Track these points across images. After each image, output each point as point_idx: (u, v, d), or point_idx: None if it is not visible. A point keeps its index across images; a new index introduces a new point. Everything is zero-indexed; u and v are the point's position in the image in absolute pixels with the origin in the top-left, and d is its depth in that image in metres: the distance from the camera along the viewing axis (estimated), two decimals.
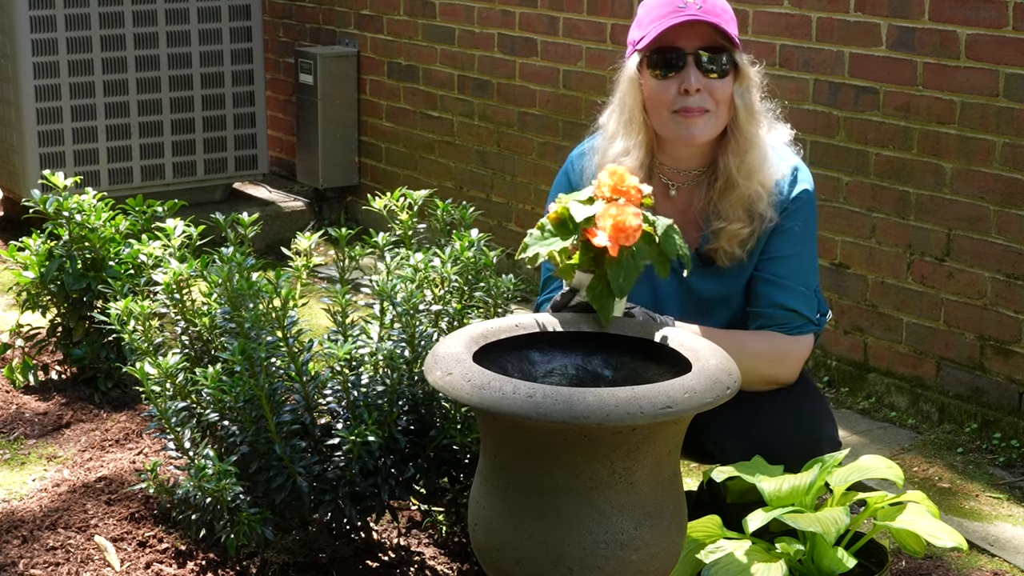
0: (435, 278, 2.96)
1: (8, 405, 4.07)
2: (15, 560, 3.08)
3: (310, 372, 2.89)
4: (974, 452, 3.96)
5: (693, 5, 2.73)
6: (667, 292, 2.90)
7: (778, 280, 2.85)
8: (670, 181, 2.88)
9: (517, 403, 2.14)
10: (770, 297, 2.85)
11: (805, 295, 2.86)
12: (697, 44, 2.74)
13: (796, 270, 2.85)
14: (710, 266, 2.87)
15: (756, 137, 2.79)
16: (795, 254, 2.85)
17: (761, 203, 2.80)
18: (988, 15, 3.90)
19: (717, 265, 2.86)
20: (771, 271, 2.85)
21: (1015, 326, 3.96)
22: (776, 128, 2.90)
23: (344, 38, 6.48)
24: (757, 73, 2.83)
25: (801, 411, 2.84)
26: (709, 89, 2.74)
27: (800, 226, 2.85)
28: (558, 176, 3.02)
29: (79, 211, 4.08)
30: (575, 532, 2.23)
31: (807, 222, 2.87)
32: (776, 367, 2.83)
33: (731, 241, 2.82)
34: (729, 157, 2.80)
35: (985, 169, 3.97)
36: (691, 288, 2.91)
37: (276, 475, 2.89)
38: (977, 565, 3.31)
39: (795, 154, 2.91)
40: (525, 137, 5.53)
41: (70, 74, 5.76)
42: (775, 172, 2.83)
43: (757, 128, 2.80)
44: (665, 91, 2.77)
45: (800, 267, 2.86)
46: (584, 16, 5.18)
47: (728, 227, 2.81)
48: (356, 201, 6.51)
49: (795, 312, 2.84)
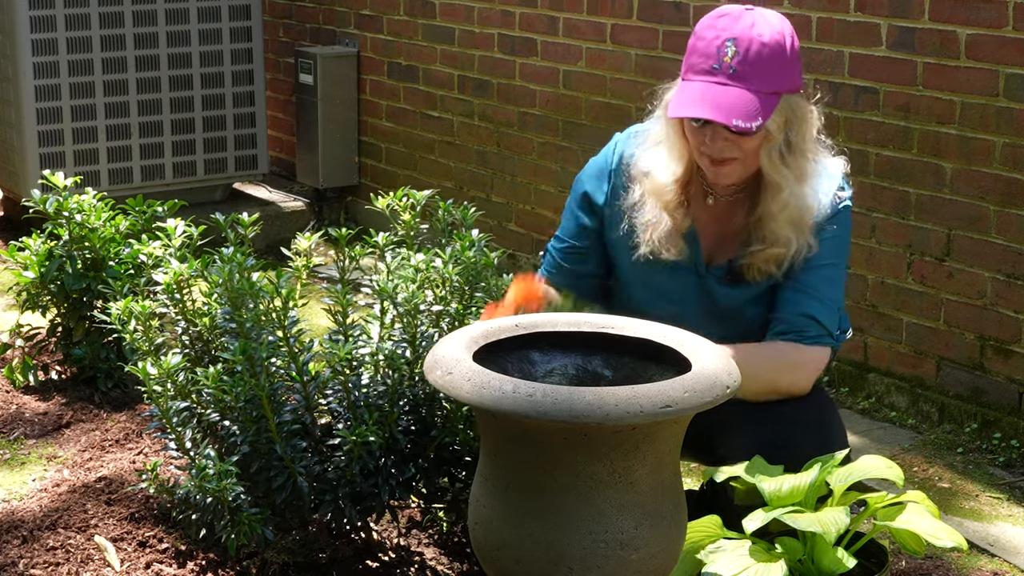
0: (436, 278, 2.96)
1: (8, 405, 4.07)
2: (15, 560, 3.08)
3: (311, 372, 2.90)
4: (974, 452, 3.96)
5: (727, 66, 2.70)
6: (685, 293, 2.91)
7: (804, 288, 2.85)
8: (710, 190, 2.89)
9: (517, 402, 2.14)
10: (794, 304, 2.85)
11: (829, 307, 2.86)
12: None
13: (824, 280, 2.85)
14: (737, 280, 2.88)
15: (785, 187, 2.77)
16: (825, 266, 2.85)
17: (798, 238, 2.80)
18: (988, 15, 3.90)
19: (746, 279, 2.87)
20: (799, 279, 2.85)
21: (1015, 326, 3.96)
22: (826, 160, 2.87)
23: (344, 38, 6.48)
24: (811, 109, 2.80)
25: (815, 418, 2.84)
26: (736, 142, 2.74)
27: (834, 241, 2.85)
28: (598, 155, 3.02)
29: (79, 211, 4.07)
30: (575, 531, 2.23)
31: (841, 239, 2.87)
32: (791, 375, 2.83)
33: (767, 262, 2.83)
34: (763, 195, 2.80)
35: (985, 169, 3.97)
36: (711, 293, 2.91)
37: (277, 475, 2.89)
38: (977, 565, 3.31)
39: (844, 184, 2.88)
40: (525, 137, 5.53)
41: (70, 74, 5.76)
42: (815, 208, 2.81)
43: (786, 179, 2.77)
44: (695, 136, 2.77)
45: (828, 279, 2.86)
46: (584, 16, 5.18)
47: (767, 250, 2.82)
48: (356, 201, 6.51)
49: (816, 321, 2.83)
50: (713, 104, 2.68)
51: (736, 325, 2.90)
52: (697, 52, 2.75)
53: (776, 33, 2.72)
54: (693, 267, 2.90)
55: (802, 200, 2.79)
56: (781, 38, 2.73)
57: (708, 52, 2.72)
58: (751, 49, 2.69)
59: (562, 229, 3.06)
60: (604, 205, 2.96)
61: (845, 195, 2.87)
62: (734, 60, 2.69)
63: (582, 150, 5.10)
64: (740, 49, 2.69)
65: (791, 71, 2.75)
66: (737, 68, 2.69)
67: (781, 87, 2.72)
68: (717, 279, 2.90)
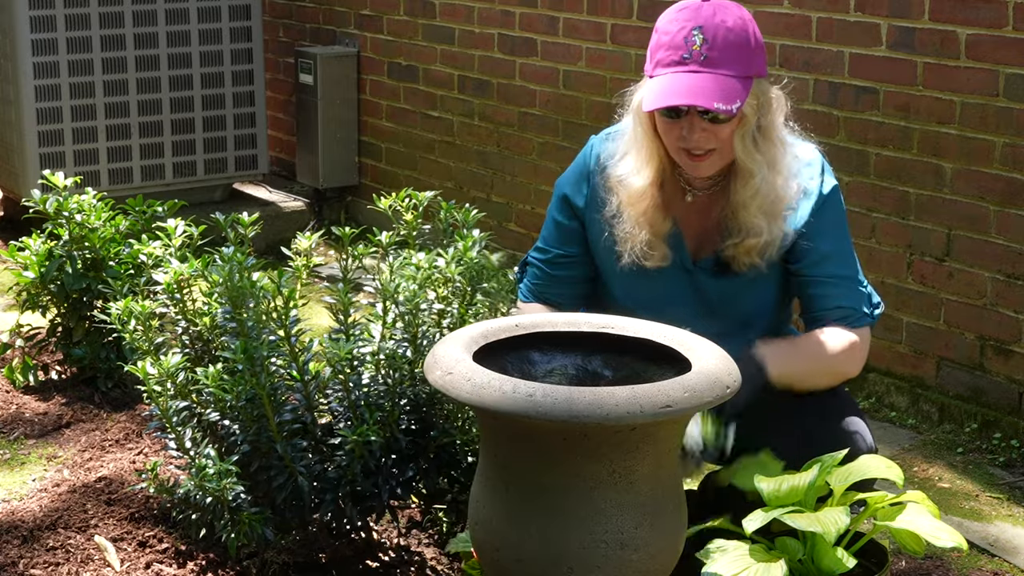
0: (439, 278, 2.96)
1: (8, 405, 4.07)
2: (15, 560, 3.08)
3: (311, 371, 2.89)
4: (974, 452, 3.96)
5: (698, 53, 2.71)
6: (675, 293, 2.91)
7: (829, 280, 2.88)
8: (688, 186, 2.90)
9: (517, 402, 2.14)
10: (826, 299, 2.88)
11: (857, 290, 2.90)
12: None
13: (841, 264, 2.89)
14: (726, 271, 2.89)
15: (758, 172, 2.79)
16: (836, 251, 2.89)
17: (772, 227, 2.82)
18: (988, 15, 3.90)
19: (733, 270, 2.88)
20: (819, 273, 2.88)
21: (1015, 326, 3.96)
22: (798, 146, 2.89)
23: (344, 38, 6.48)
24: (779, 94, 2.83)
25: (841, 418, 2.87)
26: (712, 131, 2.75)
27: (832, 222, 2.88)
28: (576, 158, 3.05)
29: (79, 211, 4.07)
30: (575, 531, 2.23)
31: (838, 217, 2.90)
32: (848, 363, 2.88)
33: (749, 253, 2.85)
34: (736, 184, 2.82)
35: (985, 169, 3.97)
36: (701, 288, 2.92)
37: (277, 474, 2.89)
38: (977, 565, 3.31)
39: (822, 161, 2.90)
40: (525, 137, 5.53)
41: (70, 74, 5.76)
42: (788, 194, 2.83)
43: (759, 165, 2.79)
44: (670, 131, 2.78)
45: (843, 261, 2.90)
46: (584, 16, 5.18)
47: (745, 241, 2.83)
48: (356, 201, 6.51)
49: (851, 308, 2.88)
50: (690, 91, 2.69)
51: (731, 318, 2.91)
52: (663, 47, 2.76)
53: (738, 19, 2.75)
54: (680, 265, 2.91)
55: (773, 189, 2.81)
56: (744, 24, 2.76)
57: (675, 44, 2.73)
58: (718, 35, 2.71)
59: (544, 239, 3.07)
60: (584, 207, 2.97)
61: (829, 180, 2.89)
62: (703, 48, 2.71)
63: None
64: (708, 36, 2.71)
65: (757, 56, 2.77)
66: (708, 55, 2.71)
67: (751, 71, 2.75)
68: (706, 273, 2.91)
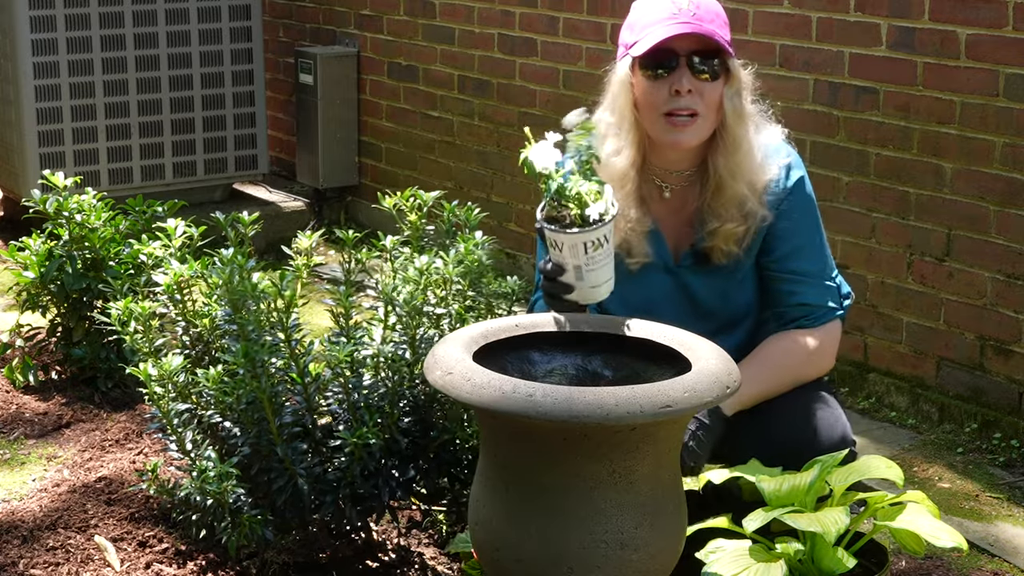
0: (438, 279, 2.96)
1: (8, 405, 4.07)
2: (15, 560, 3.08)
3: (312, 374, 2.89)
4: (974, 452, 3.96)
5: (687, 11, 2.76)
6: (661, 295, 2.91)
7: (795, 276, 2.89)
8: (663, 183, 2.90)
9: (517, 402, 2.14)
10: (791, 295, 2.89)
11: (824, 285, 2.90)
12: (689, 47, 2.77)
13: (809, 259, 2.90)
14: (706, 264, 2.89)
15: (744, 139, 2.82)
16: (804, 245, 2.89)
17: (751, 202, 2.83)
18: (988, 15, 3.90)
19: (713, 262, 2.88)
20: (786, 268, 2.89)
21: (1015, 326, 3.96)
22: (767, 128, 2.92)
23: (344, 38, 6.48)
24: (748, 75, 2.86)
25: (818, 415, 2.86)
26: (700, 91, 2.77)
27: (800, 215, 2.89)
28: None
29: (79, 211, 4.08)
30: (575, 531, 2.23)
31: (807, 210, 2.90)
32: (811, 367, 2.89)
33: (727, 240, 2.85)
34: (719, 158, 2.83)
35: (985, 169, 3.97)
36: (687, 288, 2.92)
37: (277, 476, 2.89)
38: (977, 565, 3.31)
39: (790, 149, 2.93)
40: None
41: (70, 74, 5.76)
42: (766, 172, 2.86)
43: (745, 130, 2.83)
44: (656, 92, 2.79)
45: (812, 255, 2.90)
46: (584, 16, 5.18)
47: (723, 227, 2.84)
48: (356, 201, 6.51)
49: (814, 305, 2.89)
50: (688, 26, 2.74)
51: (718, 319, 2.91)
52: (649, 12, 2.81)
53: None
54: (664, 267, 2.91)
55: (754, 160, 2.83)
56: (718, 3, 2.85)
57: (662, 7, 2.79)
58: (702, 2, 2.79)
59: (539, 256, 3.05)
60: None
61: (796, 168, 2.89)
62: (692, 7, 2.77)
63: None
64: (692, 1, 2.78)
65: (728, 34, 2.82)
66: (696, 12, 2.77)
67: (728, 42, 2.80)
68: (689, 270, 2.91)
